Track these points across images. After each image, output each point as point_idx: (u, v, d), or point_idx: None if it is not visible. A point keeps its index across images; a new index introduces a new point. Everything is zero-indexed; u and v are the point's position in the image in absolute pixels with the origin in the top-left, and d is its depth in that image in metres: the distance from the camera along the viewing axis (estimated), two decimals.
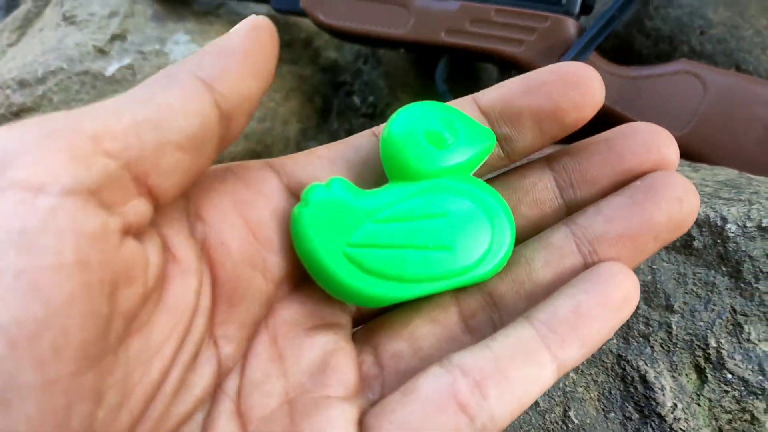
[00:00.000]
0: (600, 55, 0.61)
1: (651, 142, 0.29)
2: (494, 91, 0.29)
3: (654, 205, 0.27)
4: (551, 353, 0.25)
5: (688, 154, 0.56)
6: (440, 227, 0.27)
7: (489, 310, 0.28)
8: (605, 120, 0.61)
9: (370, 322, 0.30)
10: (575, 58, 0.57)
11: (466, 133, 0.28)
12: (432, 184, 0.28)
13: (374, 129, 0.30)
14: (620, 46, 0.65)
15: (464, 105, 0.30)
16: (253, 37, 0.25)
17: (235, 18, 0.71)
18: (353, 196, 0.27)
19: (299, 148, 0.70)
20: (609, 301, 0.25)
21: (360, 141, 0.30)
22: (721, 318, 0.40)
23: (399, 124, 0.28)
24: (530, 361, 0.24)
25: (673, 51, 0.62)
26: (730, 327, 0.40)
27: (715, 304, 0.40)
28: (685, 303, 0.40)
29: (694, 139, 0.57)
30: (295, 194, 0.28)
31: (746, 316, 0.40)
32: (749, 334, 0.39)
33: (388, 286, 0.27)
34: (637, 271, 0.40)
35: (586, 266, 0.28)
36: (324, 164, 0.29)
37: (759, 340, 0.39)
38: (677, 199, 0.27)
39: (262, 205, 0.28)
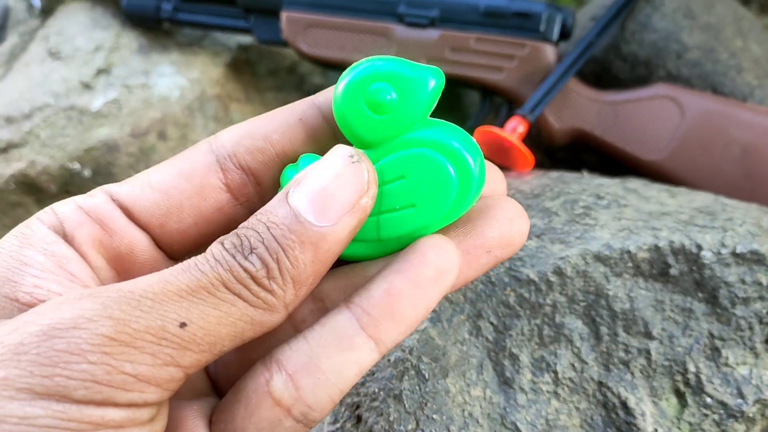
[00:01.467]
0: (579, 80, 0.62)
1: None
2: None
3: (486, 223, 0.28)
4: (367, 335, 0.26)
5: (667, 177, 0.57)
6: (402, 189, 0.27)
7: (318, 313, 0.29)
8: (586, 145, 0.62)
9: None
10: (555, 84, 0.58)
11: (408, 83, 0.27)
12: (386, 148, 0.28)
13: (314, 98, 0.30)
14: (599, 71, 0.66)
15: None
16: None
17: (219, 49, 0.72)
18: None
19: None
20: (420, 277, 0.26)
21: (303, 110, 0.30)
22: (699, 343, 0.40)
23: (340, 98, 0.28)
24: (343, 346, 0.26)
25: (651, 75, 0.63)
26: (708, 352, 0.40)
27: (692, 330, 0.41)
28: (663, 329, 0.41)
29: (672, 162, 0.58)
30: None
31: (723, 340, 0.40)
32: (727, 358, 0.40)
33: (367, 246, 0.28)
34: (615, 299, 0.40)
35: None
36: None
37: (737, 364, 0.40)
38: (508, 219, 0.29)
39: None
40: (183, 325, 0.24)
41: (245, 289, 0.25)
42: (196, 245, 0.30)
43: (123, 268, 0.29)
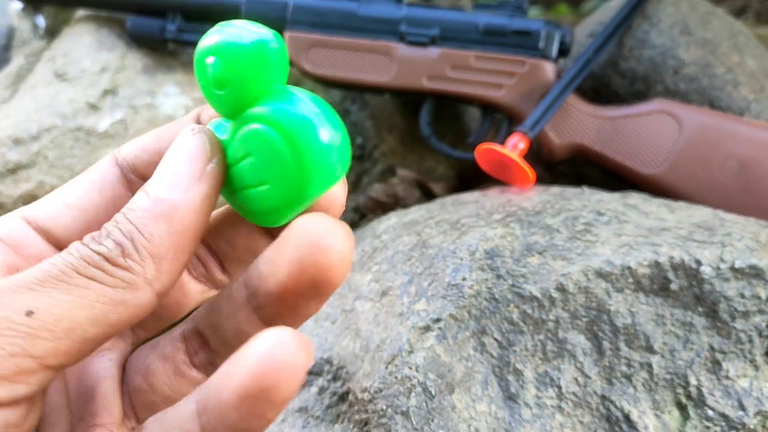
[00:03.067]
0: (578, 96, 0.63)
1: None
2: None
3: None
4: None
5: (666, 191, 0.58)
6: (250, 168, 0.26)
7: (206, 348, 0.29)
8: (586, 159, 0.63)
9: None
10: (554, 100, 0.59)
11: (237, 54, 0.25)
12: (240, 122, 0.26)
13: (116, 154, 0.30)
14: (598, 87, 0.67)
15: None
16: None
17: None
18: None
19: None
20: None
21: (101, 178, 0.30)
22: (700, 356, 0.41)
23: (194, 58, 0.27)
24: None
25: (649, 90, 0.64)
26: (709, 365, 0.41)
27: (693, 343, 0.41)
28: (664, 343, 0.41)
29: (671, 176, 0.58)
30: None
31: (724, 353, 0.41)
32: (728, 371, 0.41)
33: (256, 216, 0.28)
34: (617, 314, 0.41)
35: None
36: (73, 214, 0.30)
37: (737, 377, 0.41)
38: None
39: None
40: (30, 313, 0.23)
41: (99, 270, 0.24)
42: None
43: None
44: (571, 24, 0.78)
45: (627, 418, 0.41)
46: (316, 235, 0.24)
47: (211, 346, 0.29)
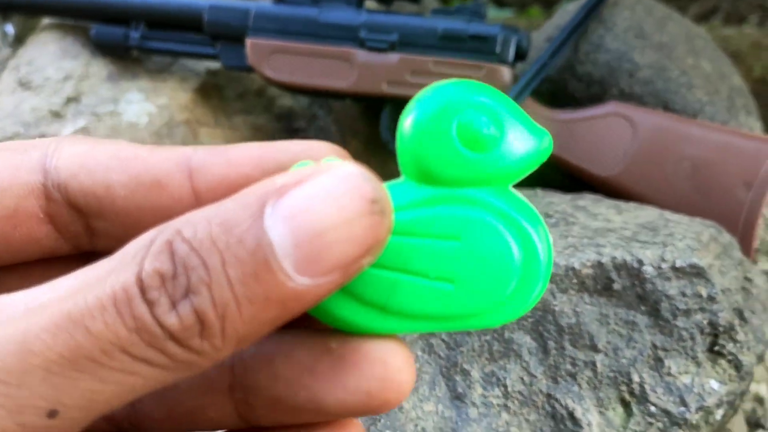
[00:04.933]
0: (536, 100, 0.64)
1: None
2: None
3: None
4: None
5: (622, 192, 0.59)
6: (447, 254, 0.21)
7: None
8: (546, 162, 0.63)
9: None
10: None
11: (513, 129, 0.21)
12: (453, 193, 0.21)
13: (46, 161, 0.23)
14: (555, 91, 0.68)
15: None
16: None
17: (187, 74, 0.73)
18: None
19: None
20: None
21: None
22: (643, 354, 0.42)
23: (422, 113, 0.21)
24: None
25: (605, 93, 0.65)
26: (652, 362, 0.42)
27: (636, 342, 0.42)
28: (608, 342, 0.42)
29: (625, 178, 0.59)
30: None
31: (666, 351, 0.42)
32: (670, 368, 0.42)
33: (362, 309, 0.21)
34: (561, 314, 0.42)
35: None
36: None
37: (680, 373, 0.42)
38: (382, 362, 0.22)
39: None
40: (53, 414, 0.17)
41: (158, 352, 0.17)
42: None
43: None
44: (531, 28, 0.79)
45: (571, 415, 0.41)
46: (394, 369, 0.21)
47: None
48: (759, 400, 0.54)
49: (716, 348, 0.43)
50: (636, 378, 0.42)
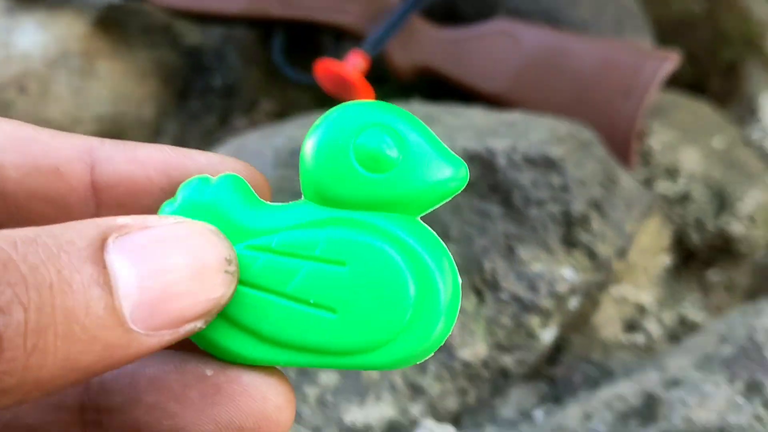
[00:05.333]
0: (424, 18, 0.64)
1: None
2: None
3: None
4: None
5: (509, 106, 0.60)
6: (331, 278, 0.19)
7: None
8: (435, 79, 0.64)
9: None
10: (396, 21, 0.60)
11: (421, 154, 0.20)
12: (349, 216, 0.20)
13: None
14: (446, 10, 0.68)
15: None
16: None
17: (86, 7, 0.73)
18: (241, 205, 0.20)
19: (157, 130, 0.72)
20: None
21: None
22: (496, 244, 0.43)
23: (323, 131, 0.20)
24: None
25: (493, 11, 0.65)
26: (504, 251, 0.43)
27: (489, 231, 0.43)
28: (461, 232, 0.43)
29: (512, 93, 0.60)
30: None
31: (519, 240, 0.43)
32: (522, 256, 0.43)
33: (238, 337, 0.19)
34: None
35: None
36: None
37: (531, 261, 0.43)
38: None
39: None
40: None
41: None
42: None
43: None
44: None
45: None
46: (273, 407, 0.19)
47: None
48: (640, 308, 0.55)
49: (571, 238, 0.44)
50: (488, 266, 0.43)
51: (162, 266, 0.16)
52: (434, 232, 0.20)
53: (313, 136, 0.20)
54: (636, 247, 0.48)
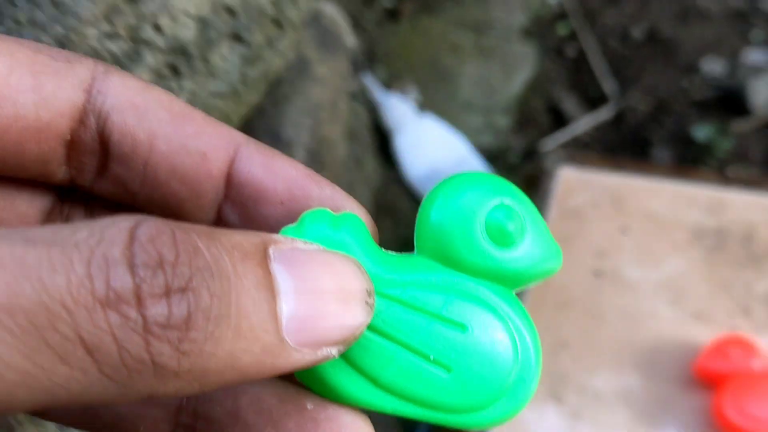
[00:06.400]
0: None
1: None
2: None
3: None
4: None
5: None
6: (452, 339, 0.20)
7: None
8: None
9: None
10: None
11: (534, 235, 0.21)
12: (466, 282, 0.21)
13: (94, 83, 0.20)
14: None
15: None
16: None
17: None
18: (365, 247, 0.20)
19: None
20: None
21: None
22: None
23: (453, 195, 0.21)
24: None
25: None
26: None
27: None
28: None
29: None
30: None
31: None
32: None
33: (355, 380, 0.20)
34: None
35: None
36: None
37: None
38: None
39: None
40: None
41: (109, 337, 0.14)
42: None
43: None
44: None
45: None
46: None
47: None
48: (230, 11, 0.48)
49: None
50: None
51: (315, 285, 0.17)
52: (524, 308, 0.22)
53: (441, 197, 0.21)
54: None
